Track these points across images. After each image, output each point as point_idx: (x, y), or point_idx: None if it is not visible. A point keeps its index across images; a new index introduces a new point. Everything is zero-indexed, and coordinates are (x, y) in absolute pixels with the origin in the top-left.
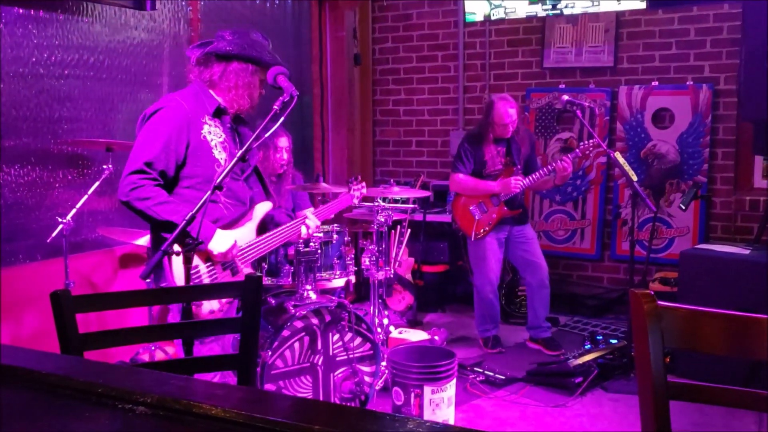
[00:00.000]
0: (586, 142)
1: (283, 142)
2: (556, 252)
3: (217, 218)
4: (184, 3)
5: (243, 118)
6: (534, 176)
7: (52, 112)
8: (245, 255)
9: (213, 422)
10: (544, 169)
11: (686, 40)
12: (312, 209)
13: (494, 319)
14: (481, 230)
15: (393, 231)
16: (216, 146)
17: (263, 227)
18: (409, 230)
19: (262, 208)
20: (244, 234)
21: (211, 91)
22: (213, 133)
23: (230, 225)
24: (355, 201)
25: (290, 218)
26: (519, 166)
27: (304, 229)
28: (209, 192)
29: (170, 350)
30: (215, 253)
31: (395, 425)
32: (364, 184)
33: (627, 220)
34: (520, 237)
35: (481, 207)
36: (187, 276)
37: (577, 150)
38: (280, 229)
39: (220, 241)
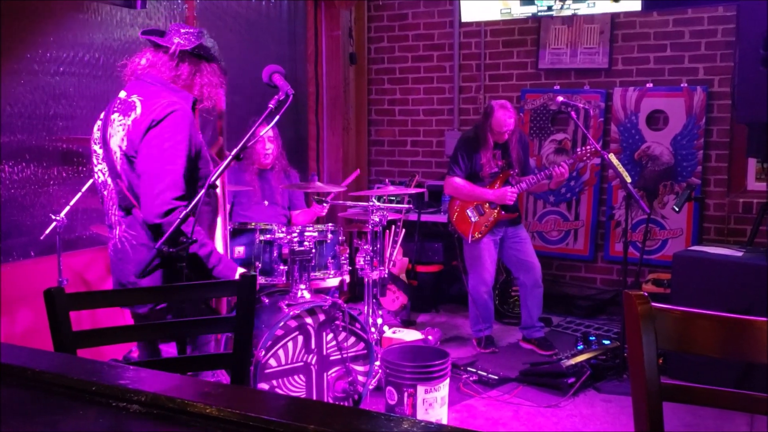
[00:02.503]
0: (583, 148)
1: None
2: (549, 253)
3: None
4: (180, 1)
5: None
6: (530, 180)
7: (48, 108)
8: None
9: (207, 421)
10: (542, 173)
11: (681, 42)
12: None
13: (488, 319)
14: (478, 233)
15: (387, 231)
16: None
17: None
18: (403, 230)
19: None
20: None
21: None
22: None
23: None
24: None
25: (285, 218)
26: (516, 170)
27: None
28: (202, 191)
29: None
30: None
31: (390, 425)
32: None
33: (620, 221)
34: (514, 238)
35: (478, 209)
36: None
37: (575, 155)
38: None
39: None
